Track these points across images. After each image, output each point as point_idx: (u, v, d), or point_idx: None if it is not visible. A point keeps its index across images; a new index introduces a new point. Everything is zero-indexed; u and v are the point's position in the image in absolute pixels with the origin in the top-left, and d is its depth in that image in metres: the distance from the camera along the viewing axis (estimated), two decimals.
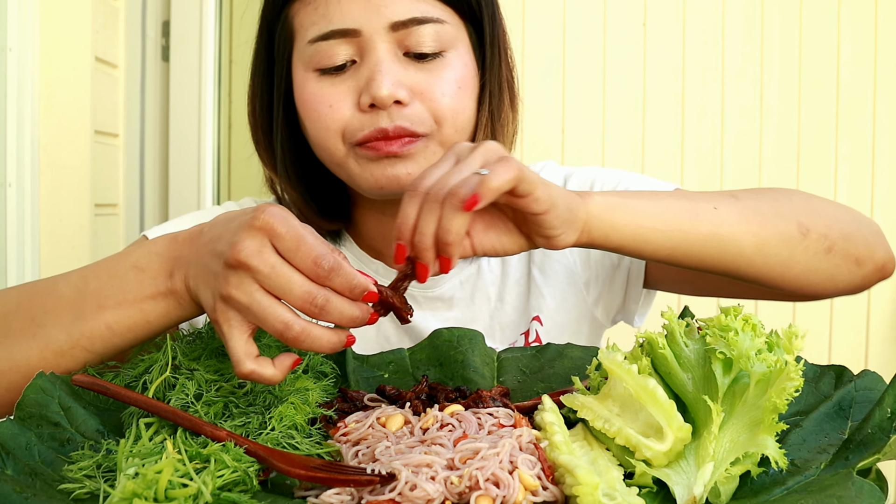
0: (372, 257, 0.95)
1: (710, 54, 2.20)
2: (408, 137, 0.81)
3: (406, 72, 0.81)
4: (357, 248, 0.95)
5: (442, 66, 0.83)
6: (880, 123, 2.21)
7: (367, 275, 0.60)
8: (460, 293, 0.94)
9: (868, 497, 0.47)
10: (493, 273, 0.95)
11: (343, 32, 0.80)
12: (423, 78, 0.82)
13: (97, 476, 0.52)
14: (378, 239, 0.94)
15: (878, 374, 0.61)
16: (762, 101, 2.21)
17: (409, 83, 0.81)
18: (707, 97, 2.20)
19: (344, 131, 0.82)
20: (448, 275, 0.92)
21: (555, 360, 0.74)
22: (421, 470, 0.51)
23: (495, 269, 0.96)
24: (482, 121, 0.88)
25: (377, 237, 0.94)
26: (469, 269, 0.95)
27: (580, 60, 2.21)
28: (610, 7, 2.20)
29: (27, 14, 1.49)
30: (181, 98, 2.21)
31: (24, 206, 1.50)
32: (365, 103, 0.80)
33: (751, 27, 2.20)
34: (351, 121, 0.82)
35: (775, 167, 2.21)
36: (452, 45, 0.84)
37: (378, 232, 0.94)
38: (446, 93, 0.83)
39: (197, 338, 0.71)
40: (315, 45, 0.82)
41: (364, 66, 0.81)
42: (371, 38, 0.80)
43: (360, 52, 0.81)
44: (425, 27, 0.81)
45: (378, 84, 0.79)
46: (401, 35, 0.81)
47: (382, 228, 0.93)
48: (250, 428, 0.59)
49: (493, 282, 0.95)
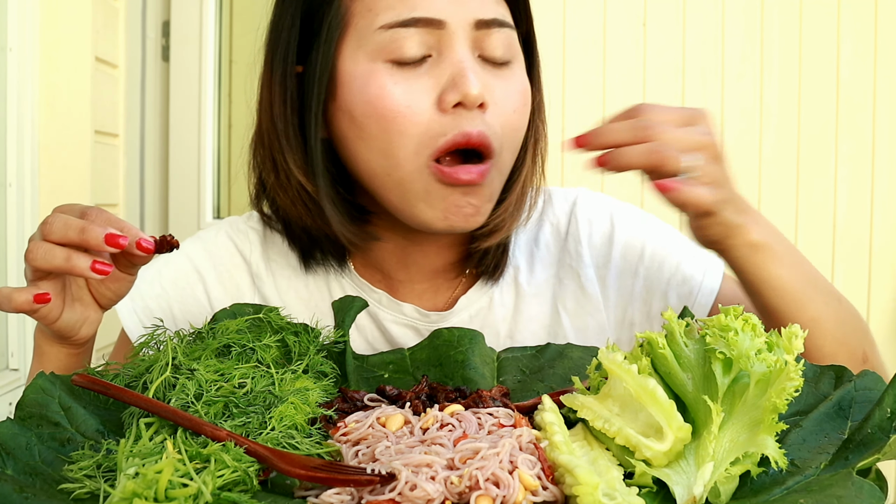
0: (374, 286, 0.87)
1: (710, 55, 2.20)
2: (485, 160, 0.75)
3: (485, 75, 0.76)
4: (358, 277, 0.88)
5: (511, 76, 0.78)
6: (880, 123, 2.21)
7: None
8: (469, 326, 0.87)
9: (868, 497, 0.47)
10: (504, 308, 0.88)
11: (428, 21, 0.73)
12: (497, 85, 0.76)
13: (97, 476, 0.52)
14: (391, 263, 0.87)
15: (878, 374, 0.61)
16: (762, 102, 2.21)
17: (487, 87, 0.75)
18: (707, 97, 2.20)
19: (419, 138, 0.74)
20: (457, 308, 0.87)
21: (555, 360, 0.74)
22: (421, 470, 0.51)
23: (507, 303, 0.88)
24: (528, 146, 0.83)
25: (390, 261, 0.87)
26: (480, 302, 0.88)
27: (580, 60, 2.21)
28: (610, 7, 2.20)
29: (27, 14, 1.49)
30: (181, 98, 2.21)
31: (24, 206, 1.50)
32: (451, 102, 0.73)
33: (751, 27, 2.20)
34: (428, 124, 0.74)
35: (775, 167, 2.21)
36: (517, 55, 0.79)
37: (394, 256, 0.87)
38: (516, 107, 0.78)
39: (197, 338, 0.71)
40: (391, 31, 0.73)
41: (446, 62, 0.74)
42: (455, 32, 0.74)
43: (440, 46, 0.74)
44: (503, 31, 0.77)
45: (470, 82, 0.72)
46: (480, 35, 0.75)
47: (400, 253, 0.86)
48: (250, 428, 0.59)
49: (503, 318, 0.88)
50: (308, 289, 0.89)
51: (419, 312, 0.87)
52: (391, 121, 0.74)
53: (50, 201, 1.56)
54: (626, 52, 2.21)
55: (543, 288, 0.89)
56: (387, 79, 0.74)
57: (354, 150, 0.78)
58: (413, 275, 0.88)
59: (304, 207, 0.81)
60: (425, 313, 0.87)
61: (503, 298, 0.88)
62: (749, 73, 2.20)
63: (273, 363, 0.68)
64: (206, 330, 0.72)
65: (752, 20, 2.20)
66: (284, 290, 0.89)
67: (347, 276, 0.88)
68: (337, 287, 0.88)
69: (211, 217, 2.24)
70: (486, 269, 0.87)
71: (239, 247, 0.90)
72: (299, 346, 0.72)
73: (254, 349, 0.69)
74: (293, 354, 0.71)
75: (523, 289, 0.89)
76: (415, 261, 0.87)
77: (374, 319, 0.88)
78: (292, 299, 0.88)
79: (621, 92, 2.21)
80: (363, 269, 0.89)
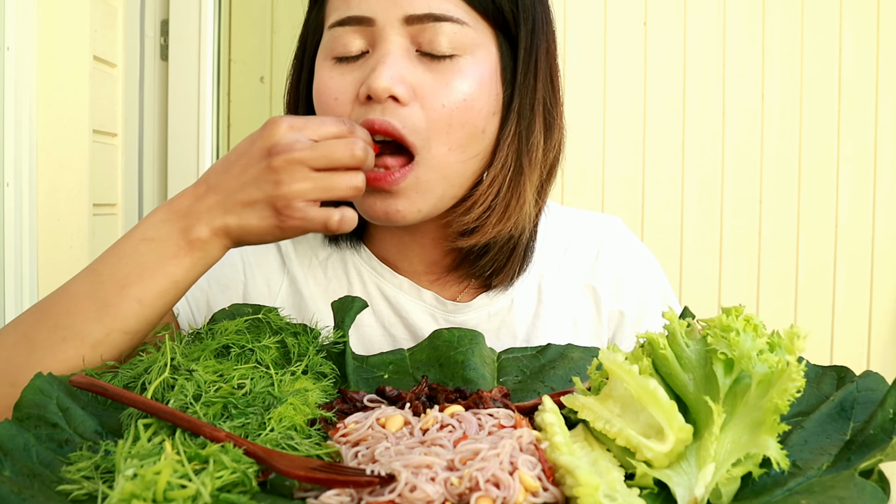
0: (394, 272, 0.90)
1: (711, 54, 2.20)
2: (405, 146, 0.76)
3: (413, 70, 0.76)
4: (376, 261, 0.90)
5: (452, 70, 0.77)
6: (882, 123, 2.21)
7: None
8: (486, 325, 0.88)
9: (870, 498, 0.47)
10: (524, 313, 0.89)
11: (358, 20, 0.77)
12: (428, 79, 0.77)
13: (95, 477, 0.52)
14: (392, 251, 0.90)
15: (881, 374, 0.61)
16: (763, 101, 2.21)
17: (413, 82, 0.76)
18: (708, 97, 2.20)
19: None
20: (475, 303, 0.88)
21: (555, 360, 0.74)
22: (421, 471, 0.51)
23: (528, 309, 0.90)
24: (504, 143, 0.81)
25: (391, 248, 0.90)
26: (501, 302, 0.89)
27: (580, 60, 2.20)
28: (610, 7, 2.20)
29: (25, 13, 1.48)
30: (180, 97, 2.21)
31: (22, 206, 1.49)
32: (362, 94, 0.76)
33: (752, 27, 2.20)
34: (350, 115, 0.78)
35: (777, 167, 2.21)
36: (470, 50, 0.78)
37: (392, 243, 0.90)
38: (449, 102, 0.77)
39: (196, 338, 0.71)
40: (332, 30, 0.79)
41: (372, 58, 0.78)
42: (384, 28, 0.76)
43: (373, 43, 0.78)
44: (442, 25, 0.76)
45: (377, 75, 0.75)
46: (415, 30, 0.76)
47: (397, 241, 0.90)
48: (249, 429, 0.59)
49: (522, 321, 0.89)
50: (327, 276, 0.91)
51: (437, 300, 0.89)
52: (323, 111, 0.80)
53: (48, 201, 1.56)
54: (627, 52, 2.20)
55: (565, 301, 0.91)
56: (326, 73, 0.80)
57: None
58: (416, 266, 0.90)
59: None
60: (444, 301, 0.89)
61: (524, 303, 0.90)
62: (750, 72, 2.20)
63: (272, 364, 0.68)
64: (205, 330, 0.71)
65: (754, 19, 2.20)
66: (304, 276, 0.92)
67: (367, 261, 0.91)
68: (354, 273, 0.91)
69: None
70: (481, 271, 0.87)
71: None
72: (298, 346, 0.72)
73: (253, 350, 0.69)
74: (292, 355, 0.71)
75: (545, 296, 0.90)
76: (415, 252, 0.89)
77: (393, 305, 0.90)
78: (312, 286, 0.91)
79: (621, 92, 2.21)
80: (378, 254, 0.91)
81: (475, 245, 0.83)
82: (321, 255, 0.92)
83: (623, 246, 0.96)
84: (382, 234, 0.90)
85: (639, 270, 0.95)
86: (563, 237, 0.94)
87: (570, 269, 0.93)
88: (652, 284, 0.96)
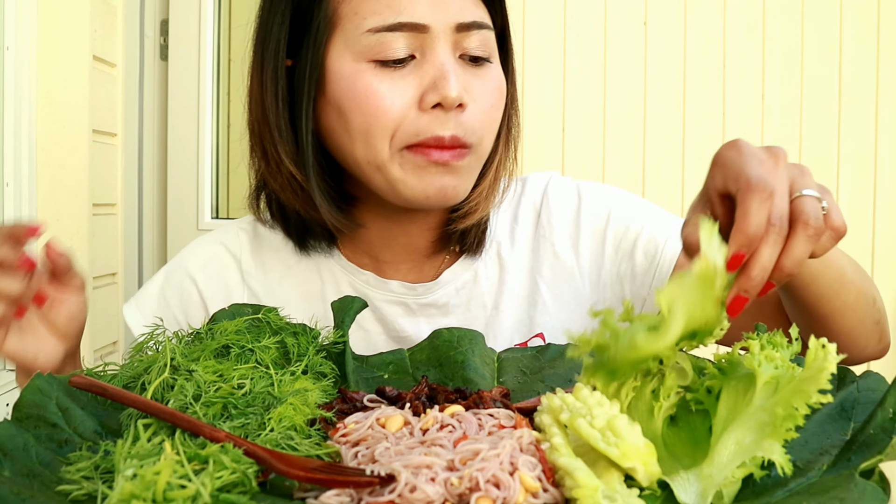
0: (361, 268, 0.93)
1: (712, 54, 2.20)
2: (460, 149, 0.81)
3: (464, 75, 0.81)
4: (345, 260, 0.93)
5: (489, 73, 0.83)
6: (883, 123, 2.20)
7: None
8: (456, 300, 0.93)
9: (871, 498, 0.47)
10: (489, 280, 0.94)
11: (412, 26, 0.79)
12: (476, 84, 0.82)
13: (95, 477, 0.52)
14: (377, 245, 0.92)
15: (881, 374, 0.61)
16: (764, 101, 2.21)
17: (466, 87, 0.81)
18: (708, 97, 2.19)
19: (396, 131, 0.80)
20: (442, 280, 0.92)
21: (555, 360, 0.74)
22: (421, 471, 0.51)
23: (492, 276, 0.94)
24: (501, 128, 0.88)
25: (376, 242, 0.92)
26: (465, 275, 0.93)
27: (580, 60, 2.20)
28: (610, 6, 2.20)
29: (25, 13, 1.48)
30: (180, 97, 2.21)
31: (21, 206, 1.49)
32: (431, 102, 0.79)
33: (752, 26, 2.20)
34: (407, 121, 0.79)
35: None
36: (494, 53, 0.84)
37: (378, 237, 0.92)
38: (493, 102, 0.83)
39: (195, 338, 0.71)
40: (377, 35, 0.79)
41: (428, 64, 0.80)
42: (438, 35, 0.79)
43: (423, 48, 0.80)
44: (482, 32, 0.82)
45: (450, 85, 0.78)
46: (460, 37, 0.81)
47: (384, 234, 0.92)
48: (249, 429, 0.59)
49: (489, 289, 0.94)
50: (300, 276, 0.94)
51: (405, 287, 0.92)
52: (374, 115, 0.79)
53: (48, 201, 1.56)
54: (627, 52, 2.20)
55: (523, 260, 0.95)
56: (372, 77, 0.79)
57: (341, 140, 0.83)
58: (398, 255, 0.93)
59: (294, 195, 0.87)
60: (411, 286, 0.92)
61: (487, 272, 0.94)
62: (750, 72, 2.20)
63: (272, 364, 0.68)
64: (205, 331, 0.71)
65: (754, 19, 2.20)
66: (277, 281, 0.94)
67: (336, 261, 0.93)
68: (327, 271, 0.94)
69: (209, 216, 2.24)
70: (468, 247, 0.93)
71: (229, 248, 0.97)
72: (298, 346, 0.72)
73: (252, 350, 0.69)
74: (292, 355, 0.71)
75: (506, 262, 0.94)
76: (399, 242, 0.92)
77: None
78: (286, 288, 0.94)
79: (622, 91, 2.21)
80: (351, 255, 0.94)
81: (469, 226, 0.89)
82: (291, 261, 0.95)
83: (561, 191, 0.97)
84: (368, 229, 0.91)
85: (580, 199, 0.96)
86: (511, 203, 0.98)
87: (521, 231, 0.96)
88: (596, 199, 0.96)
